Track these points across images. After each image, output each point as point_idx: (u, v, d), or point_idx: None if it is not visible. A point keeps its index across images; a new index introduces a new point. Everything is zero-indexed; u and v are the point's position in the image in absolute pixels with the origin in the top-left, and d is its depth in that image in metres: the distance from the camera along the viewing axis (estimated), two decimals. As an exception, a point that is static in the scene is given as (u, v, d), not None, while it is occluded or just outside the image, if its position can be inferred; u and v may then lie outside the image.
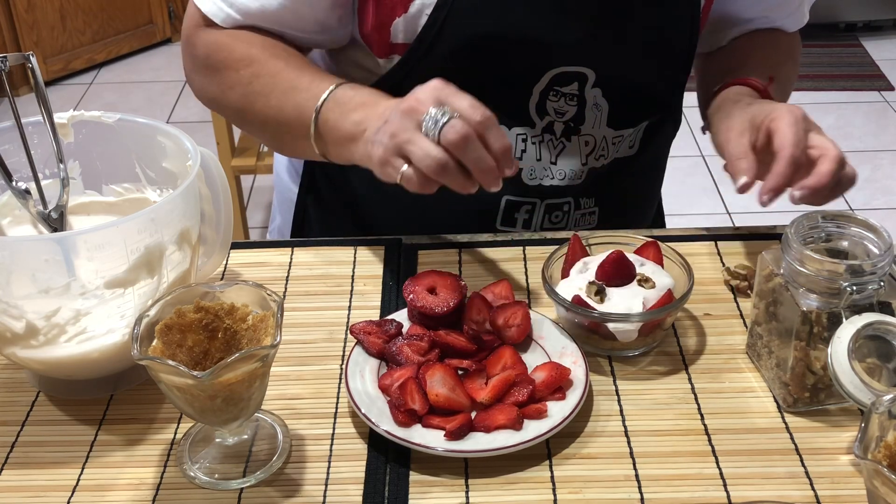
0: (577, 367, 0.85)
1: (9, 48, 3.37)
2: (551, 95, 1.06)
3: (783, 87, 1.16)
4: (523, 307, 0.89)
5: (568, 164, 1.09)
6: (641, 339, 0.89)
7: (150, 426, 0.83)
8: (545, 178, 1.10)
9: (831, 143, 0.93)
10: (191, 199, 0.84)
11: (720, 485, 0.77)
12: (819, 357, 0.80)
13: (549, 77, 1.04)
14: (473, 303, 0.89)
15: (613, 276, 0.89)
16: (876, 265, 0.78)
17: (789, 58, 1.19)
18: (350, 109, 0.93)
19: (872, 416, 0.68)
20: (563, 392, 0.83)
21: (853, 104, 3.37)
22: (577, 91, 1.06)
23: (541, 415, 0.81)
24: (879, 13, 3.78)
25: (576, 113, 1.07)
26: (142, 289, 0.81)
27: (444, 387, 0.81)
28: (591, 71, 1.04)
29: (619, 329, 0.87)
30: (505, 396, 0.82)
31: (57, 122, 0.90)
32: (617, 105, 1.08)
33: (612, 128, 1.09)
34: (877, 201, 2.87)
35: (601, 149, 1.10)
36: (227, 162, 2.39)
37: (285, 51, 1.02)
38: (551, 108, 1.06)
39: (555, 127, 1.08)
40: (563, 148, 1.08)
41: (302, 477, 0.78)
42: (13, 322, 0.80)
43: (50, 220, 0.88)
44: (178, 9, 3.90)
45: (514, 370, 0.84)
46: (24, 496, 0.77)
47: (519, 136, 1.08)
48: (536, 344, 0.89)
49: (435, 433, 0.79)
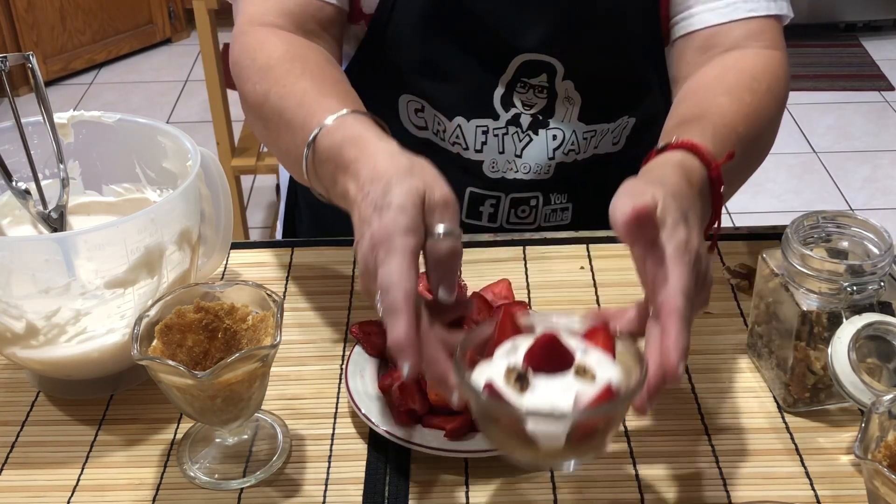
0: None
1: (9, 48, 3.37)
2: (519, 87, 1.05)
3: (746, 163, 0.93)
4: (524, 307, 0.89)
5: (533, 157, 1.08)
6: (571, 449, 0.64)
7: (150, 426, 0.83)
8: (508, 171, 1.09)
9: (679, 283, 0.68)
10: (191, 199, 0.84)
11: (720, 485, 0.77)
12: (819, 357, 0.80)
13: (516, 66, 1.03)
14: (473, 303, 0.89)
15: (542, 362, 0.66)
16: (876, 265, 0.78)
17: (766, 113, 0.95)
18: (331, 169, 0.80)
19: (872, 416, 0.68)
20: None
21: (853, 104, 3.37)
22: (547, 83, 1.04)
23: None
24: (879, 13, 3.78)
25: (545, 105, 1.06)
26: (142, 289, 0.81)
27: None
28: (558, 62, 1.03)
29: (541, 432, 0.63)
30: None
31: (57, 122, 0.90)
32: (591, 99, 1.06)
33: (584, 122, 1.08)
34: (877, 201, 2.87)
35: (570, 143, 1.08)
36: (227, 162, 2.39)
37: (304, 60, 0.93)
38: (519, 99, 1.05)
39: (521, 119, 1.06)
40: (530, 141, 1.08)
41: (302, 477, 0.78)
42: (13, 322, 0.80)
43: (50, 220, 0.88)
44: (178, 9, 3.90)
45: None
46: (24, 496, 0.77)
47: (479, 127, 1.07)
48: None
49: (435, 433, 0.79)
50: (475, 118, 1.06)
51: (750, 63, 0.99)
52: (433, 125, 1.09)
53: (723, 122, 0.88)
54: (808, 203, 2.80)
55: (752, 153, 0.94)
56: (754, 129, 0.92)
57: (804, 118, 3.30)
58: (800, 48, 3.64)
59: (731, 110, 0.90)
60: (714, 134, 0.85)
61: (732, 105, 0.91)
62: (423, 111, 1.08)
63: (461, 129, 1.07)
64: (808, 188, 2.93)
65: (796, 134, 3.21)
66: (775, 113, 0.98)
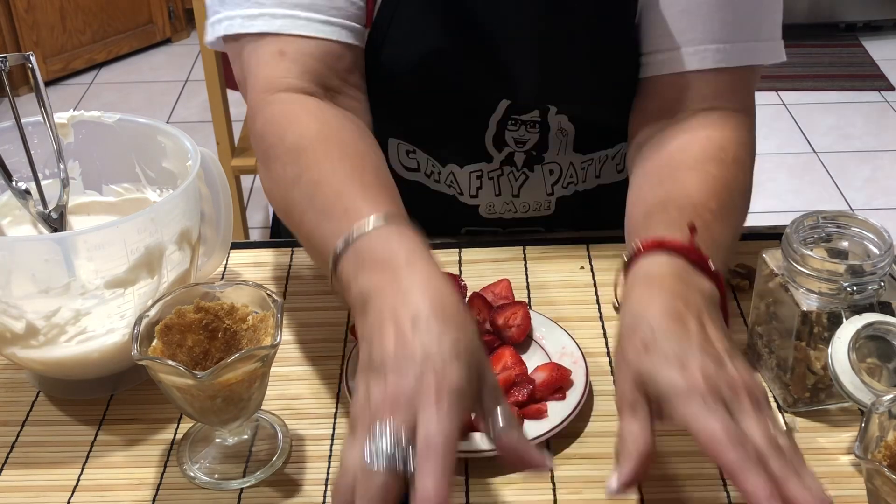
0: (578, 367, 0.85)
1: (9, 48, 3.37)
2: (510, 125, 1.00)
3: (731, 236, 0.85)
4: (523, 307, 0.89)
5: (531, 195, 1.05)
6: None
7: (149, 426, 0.83)
8: (507, 212, 1.06)
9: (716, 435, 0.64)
10: (191, 199, 0.84)
11: (720, 485, 0.77)
12: (819, 357, 0.80)
13: (506, 105, 0.99)
14: (473, 303, 0.89)
15: None
16: (876, 265, 0.78)
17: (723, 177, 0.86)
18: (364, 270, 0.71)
19: (872, 416, 0.68)
20: (563, 392, 0.83)
21: (853, 104, 3.37)
22: (539, 118, 1.00)
23: (541, 415, 0.81)
24: (879, 13, 3.78)
25: (538, 140, 1.01)
26: (142, 289, 0.81)
27: None
28: (551, 104, 0.99)
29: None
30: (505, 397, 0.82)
31: (57, 122, 0.90)
32: (584, 129, 1.02)
33: (579, 153, 1.04)
34: (877, 201, 2.87)
35: (568, 176, 1.05)
36: (227, 162, 2.39)
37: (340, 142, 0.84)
38: (510, 137, 1.01)
39: (515, 158, 1.03)
40: (526, 179, 1.04)
41: (302, 477, 0.78)
42: (13, 322, 0.80)
43: (50, 220, 0.88)
44: (178, 9, 3.90)
45: (515, 370, 0.83)
46: (24, 496, 0.77)
47: (473, 173, 1.04)
48: (537, 344, 0.89)
49: None
50: (468, 164, 1.03)
51: (717, 131, 0.90)
52: (426, 167, 1.05)
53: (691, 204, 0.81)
54: (808, 203, 2.80)
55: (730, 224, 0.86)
56: (726, 202, 0.85)
57: (804, 118, 3.30)
58: (800, 48, 3.64)
59: (698, 189, 0.84)
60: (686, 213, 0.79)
61: (700, 183, 0.85)
62: (414, 154, 1.05)
63: (454, 176, 1.05)
64: (808, 188, 2.93)
65: (796, 134, 3.21)
66: (743, 182, 0.90)
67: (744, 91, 0.95)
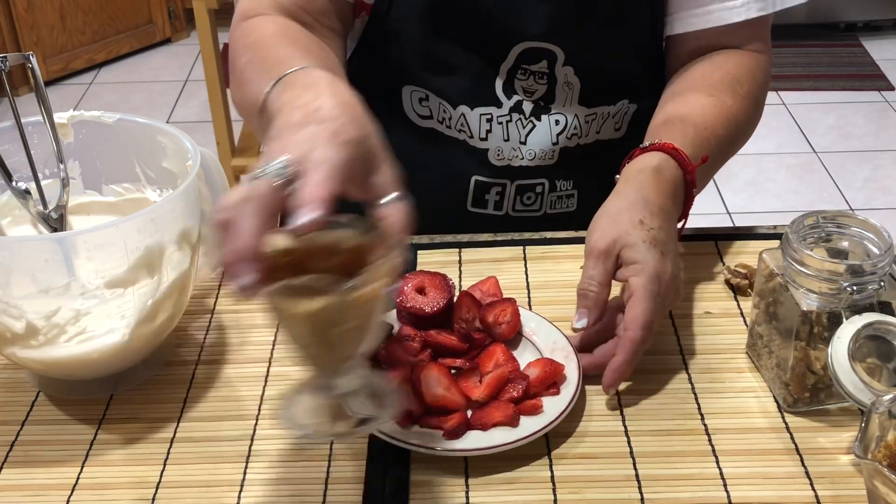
0: (570, 361, 0.85)
1: (9, 48, 3.37)
2: (519, 74, 1.05)
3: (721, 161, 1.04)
4: (512, 304, 0.88)
5: (537, 143, 1.09)
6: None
7: (149, 425, 0.83)
8: (514, 158, 1.10)
9: (643, 318, 0.82)
10: (191, 199, 0.84)
11: (720, 485, 0.77)
12: (819, 357, 0.80)
13: (517, 54, 1.04)
14: (462, 301, 0.88)
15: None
16: (876, 265, 0.78)
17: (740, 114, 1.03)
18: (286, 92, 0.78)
19: (872, 416, 0.68)
20: (557, 387, 0.83)
21: (853, 104, 3.37)
22: (547, 69, 1.05)
23: (536, 410, 0.81)
24: (879, 13, 3.78)
25: (546, 91, 1.07)
26: (142, 289, 0.81)
27: (439, 386, 0.81)
28: (559, 49, 1.04)
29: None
30: (500, 393, 0.82)
31: (57, 122, 0.90)
32: (589, 83, 1.07)
33: (584, 105, 1.09)
34: (877, 201, 2.87)
35: (573, 128, 1.09)
36: (227, 162, 2.40)
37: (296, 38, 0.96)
38: (520, 86, 1.06)
39: (523, 106, 1.07)
40: (533, 128, 1.08)
41: (302, 477, 0.78)
42: (13, 322, 0.80)
43: (50, 220, 0.88)
44: (178, 9, 3.90)
45: (508, 367, 0.84)
46: (24, 494, 0.78)
47: (483, 115, 1.07)
48: (527, 340, 0.89)
49: (433, 433, 0.79)
50: (479, 106, 1.07)
51: (735, 65, 1.05)
52: (438, 114, 1.09)
53: (704, 125, 0.97)
54: (808, 203, 2.80)
55: (727, 153, 1.03)
56: (732, 131, 1.01)
57: (804, 118, 3.30)
58: (800, 48, 3.64)
59: (712, 113, 0.99)
60: (695, 137, 0.95)
61: (714, 108, 1.00)
62: (427, 100, 1.09)
63: (465, 118, 1.08)
64: (808, 188, 2.93)
65: (796, 134, 3.21)
66: (752, 116, 1.06)
67: (765, 33, 1.09)
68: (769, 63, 1.09)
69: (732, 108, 1.01)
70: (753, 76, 1.06)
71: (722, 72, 1.04)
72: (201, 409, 0.85)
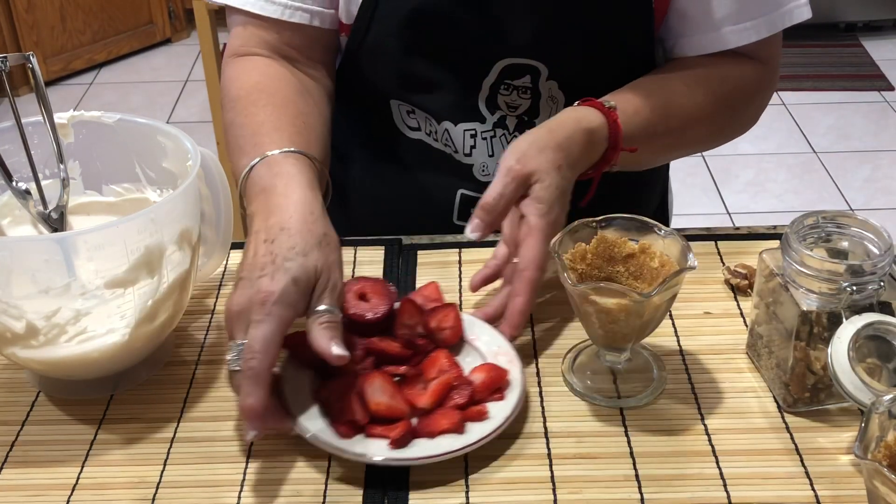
0: (513, 366, 0.84)
1: (9, 48, 3.37)
2: (502, 89, 1.04)
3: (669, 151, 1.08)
4: (454, 309, 0.87)
5: None
6: None
7: (149, 425, 0.83)
8: None
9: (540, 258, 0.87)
10: (191, 199, 0.84)
11: (720, 485, 0.77)
12: (819, 357, 0.80)
13: (499, 70, 1.03)
14: (405, 307, 0.86)
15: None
16: (876, 265, 0.78)
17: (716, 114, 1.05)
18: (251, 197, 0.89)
19: (872, 416, 0.68)
20: (501, 392, 0.82)
21: (853, 104, 3.37)
22: (531, 84, 1.04)
23: (482, 416, 0.80)
24: (879, 13, 3.78)
25: (529, 106, 1.05)
26: (142, 289, 0.81)
27: (384, 395, 0.79)
28: (542, 65, 1.03)
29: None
30: (445, 400, 0.81)
31: (57, 122, 0.90)
32: (574, 97, 1.04)
33: None
34: (877, 201, 2.87)
35: None
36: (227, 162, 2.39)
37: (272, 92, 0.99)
38: (503, 101, 1.05)
39: (507, 121, 1.06)
40: None
41: (302, 477, 0.78)
42: (13, 322, 0.80)
43: (50, 221, 0.88)
44: (178, 9, 3.90)
45: (452, 373, 0.82)
46: (24, 494, 0.78)
47: (467, 131, 1.07)
48: (470, 346, 0.88)
49: (378, 442, 0.78)
50: (462, 122, 1.06)
51: (724, 68, 1.05)
52: (425, 126, 1.09)
53: (662, 105, 0.99)
54: (808, 203, 2.80)
55: (678, 145, 1.06)
56: (690, 125, 1.03)
57: (804, 118, 3.30)
58: (800, 48, 3.64)
59: (678, 103, 1.01)
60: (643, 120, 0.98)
61: (682, 97, 1.02)
62: (414, 113, 1.09)
63: (449, 133, 1.07)
64: (808, 188, 2.93)
65: (796, 134, 3.22)
66: (725, 121, 1.07)
67: (772, 49, 1.07)
68: (770, 76, 1.08)
69: (701, 104, 1.03)
70: (740, 82, 1.06)
71: (709, 69, 1.04)
72: (201, 409, 0.85)
